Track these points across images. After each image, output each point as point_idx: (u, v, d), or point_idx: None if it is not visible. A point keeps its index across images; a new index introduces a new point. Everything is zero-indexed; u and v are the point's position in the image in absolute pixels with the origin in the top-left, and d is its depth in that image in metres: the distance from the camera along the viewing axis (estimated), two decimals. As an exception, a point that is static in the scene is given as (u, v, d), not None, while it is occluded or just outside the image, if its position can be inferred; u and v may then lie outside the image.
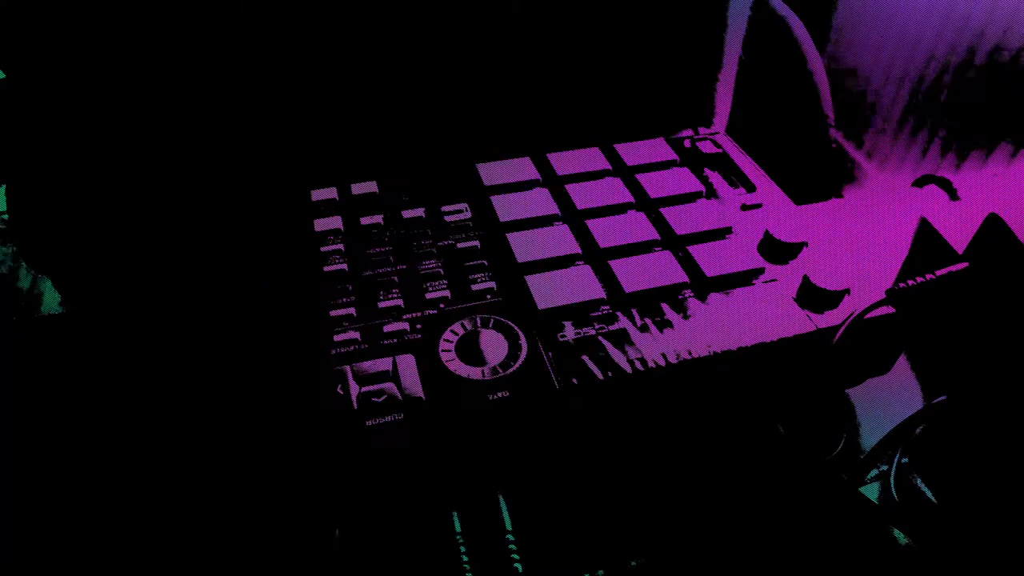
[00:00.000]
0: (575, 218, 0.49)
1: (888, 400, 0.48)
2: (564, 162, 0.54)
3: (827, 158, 0.63)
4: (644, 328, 0.41)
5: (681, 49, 0.58)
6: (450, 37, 0.52)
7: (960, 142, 0.58)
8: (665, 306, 0.43)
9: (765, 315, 0.42)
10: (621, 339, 0.41)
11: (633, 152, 0.55)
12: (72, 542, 0.41)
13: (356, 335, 0.41)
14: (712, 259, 0.45)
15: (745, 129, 0.60)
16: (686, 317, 0.42)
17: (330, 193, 0.51)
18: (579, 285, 0.44)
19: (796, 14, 0.59)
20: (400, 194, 0.51)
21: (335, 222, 0.48)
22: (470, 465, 0.41)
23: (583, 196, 0.51)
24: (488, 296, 0.43)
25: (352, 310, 0.42)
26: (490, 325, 0.41)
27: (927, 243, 0.48)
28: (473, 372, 0.39)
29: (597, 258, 0.46)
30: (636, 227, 0.48)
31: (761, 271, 0.45)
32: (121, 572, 0.40)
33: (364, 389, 0.38)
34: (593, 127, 0.59)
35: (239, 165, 0.54)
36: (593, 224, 0.48)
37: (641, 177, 0.53)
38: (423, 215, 0.49)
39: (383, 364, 0.39)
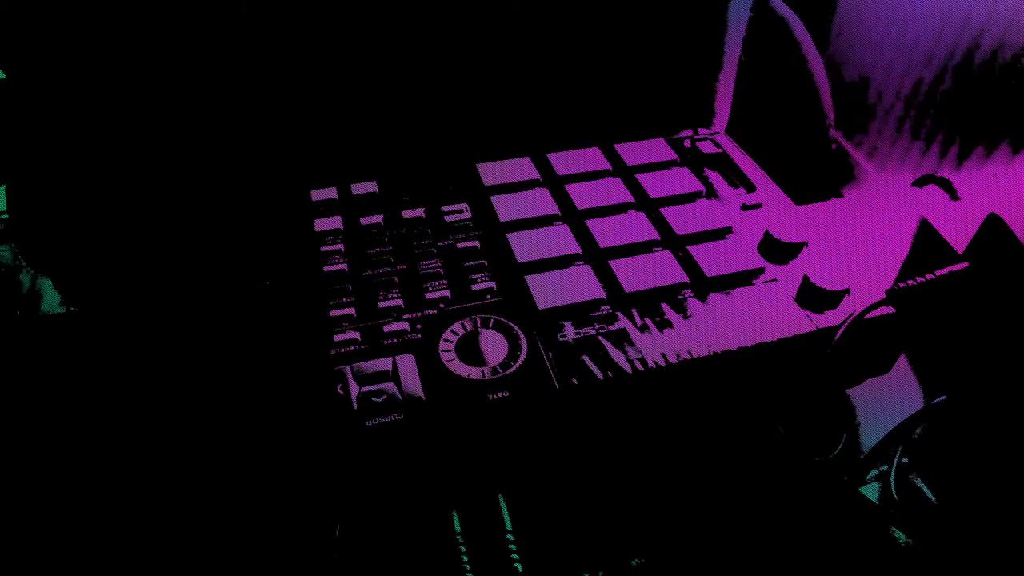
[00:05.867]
0: (575, 218, 0.49)
1: (888, 400, 0.48)
2: (564, 162, 0.54)
3: (827, 158, 0.63)
4: (644, 328, 0.41)
5: (681, 49, 0.58)
6: (450, 37, 0.52)
7: (960, 142, 0.58)
8: (665, 306, 0.43)
9: (765, 315, 0.42)
10: (621, 339, 0.41)
11: (633, 152, 0.55)
12: (73, 542, 0.41)
13: (356, 335, 0.41)
14: (712, 259, 0.45)
15: (745, 129, 0.60)
16: (686, 317, 0.42)
17: (330, 193, 0.51)
18: (579, 285, 0.44)
19: (796, 14, 0.59)
20: (400, 194, 0.51)
21: (335, 222, 0.48)
22: (470, 465, 0.41)
23: (583, 196, 0.51)
24: (488, 296, 0.43)
25: (352, 310, 0.42)
26: (490, 325, 0.41)
27: (927, 243, 0.48)
28: (473, 372, 0.39)
29: (597, 258, 0.46)
30: (636, 227, 0.48)
31: (761, 271, 0.45)
32: (122, 572, 0.40)
33: (364, 389, 0.38)
34: (593, 127, 0.59)
35: (239, 165, 0.54)
36: (593, 224, 0.48)
37: (641, 177, 0.53)
38: (423, 215, 0.49)
39: (383, 364, 0.39)
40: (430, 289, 0.44)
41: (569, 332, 0.41)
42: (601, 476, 0.43)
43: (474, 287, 0.44)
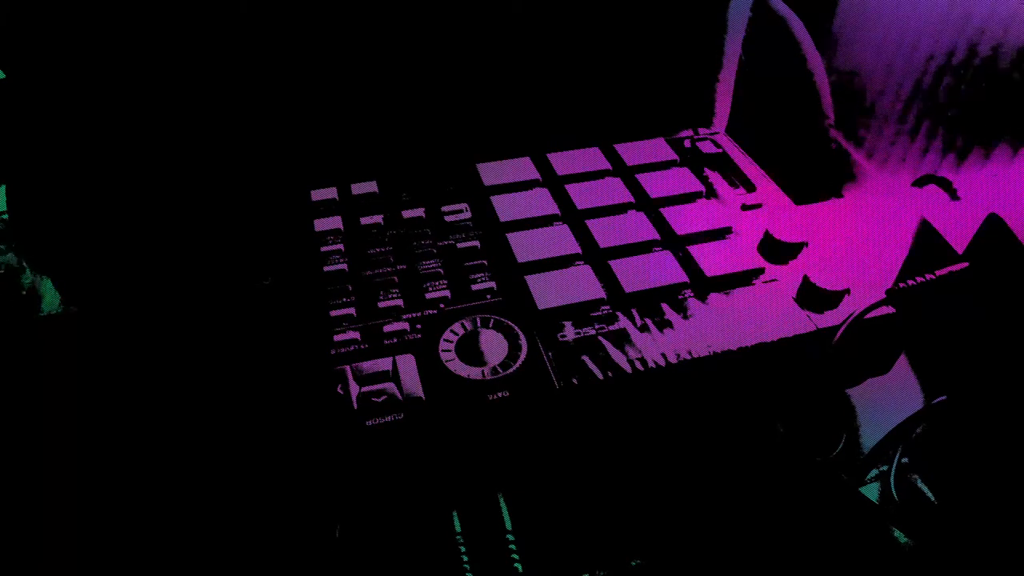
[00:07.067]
0: (575, 218, 0.49)
1: (888, 400, 0.48)
2: (564, 162, 0.54)
3: (827, 158, 0.63)
4: (644, 328, 0.41)
5: (681, 49, 0.58)
6: (450, 37, 0.52)
7: (960, 142, 0.58)
8: (665, 306, 0.43)
9: (765, 315, 0.42)
10: (621, 339, 0.41)
11: (633, 152, 0.55)
12: (74, 542, 0.41)
13: (356, 335, 0.41)
14: (712, 259, 0.45)
15: (745, 129, 0.60)
16: (686, 317, 0.42)
17: (330, 193, 0.51)
18: (579, 285, 0.44)
19: (796, 14, 0.59)
20: (400, 194, 0.51)
21: (335, 222, 0.48)
22: (470, 465, 0.41)
23: (583, 196, 0.51)
24: (488, 296, 0.43)
25: (352, 310, 0.42)
26: (490, 325, 0.41)
27: (927, 243, 0.48)
28: (473, 372, 0.39)
29: (597, 258, 0.46)
30: (636, 227, 0.48)
31: (761, 271, 0.45)
32: (122, 571, 0.40)
33: (364, 389, 0.38)
34: (593, 127, 0.59)
35: (239, 165, 0.54)
36: (593, 224, 0.48)
37: (641, 177, 0.53)
38: (423, 215, 0.49)
39: (383, 364, 0.39)
40: (430, 289, 0.44)
41: (569, 332, 0.41)
42: (601, 476, 0.43)
43: (474, 287, 0.44)
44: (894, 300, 0.41)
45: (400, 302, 0.43)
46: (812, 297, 0.43)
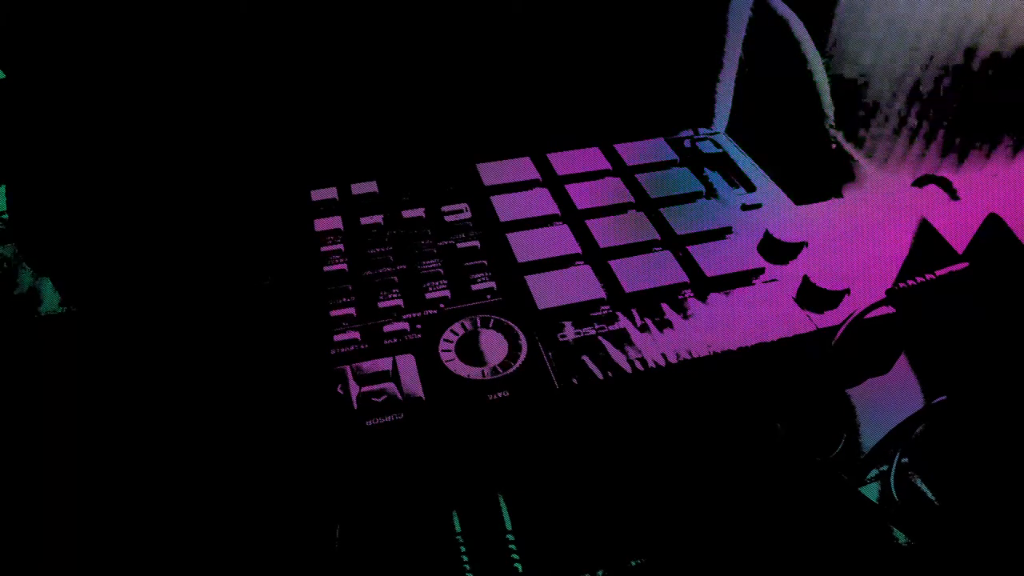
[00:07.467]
0: (575, 218, 0.49)
1: (888, 400, 0.48)
2: (564, 162, 0.54)
3: (827, 158, 0.63)
4: (644, 328, 0.41)
5: (681, 49, 0.58)
6: (450, 37, 0.52)
7: (960, 142, 0.58)
8: (665, 306, 0.43)
9: (765, 315, 0.42)
10: (621, 339, 0.41)
11: (633, 152, 0.55)
12: (73, 542, 0.41)
13: (356, 335, 0.41)
14: (712, 259, 0.45)
15: (745, 129, 0.60)
16: (686, 317, 0.42)
17: (330, 193, 0.51)
18: (579, 285, 0.44)
19: (796, 14, 0.59)
20: (400, 194, 0.51)
21: (335, 222, 0.48)
22: (470, 465, 0.41)
23: (583, 196, 0.51)
24: (488, 296, 0.43)
25: (352, 310, 0.42)
26: (490, 325, 0.41)
27: (927, 243, 0.48)
28: (473, 372, 0.39)
29: (597, 258, 0.46)
30: (636, 227, 0.48)
31: (761, 271, 0.45)
32: (121, 572, 0.40)
33: (364, 389, 0.38)
34: (593, 127, 0.59)
35: (239, 165, 0.54)
36: (593, 224, 0.48)
37: (641, 177, 0.53)
38: (423, 215, 0.49)
39: (383, 364, 0.39)
40: (430, 289, 0.44)
41: (569, 332, 0.41)
42: (601, 476, 0.43)
43: (474, 287, 0.44)
44: (894, 300, 0.41)
45: (400, 302, 0.43)
46: (812, 297, 0.43)
